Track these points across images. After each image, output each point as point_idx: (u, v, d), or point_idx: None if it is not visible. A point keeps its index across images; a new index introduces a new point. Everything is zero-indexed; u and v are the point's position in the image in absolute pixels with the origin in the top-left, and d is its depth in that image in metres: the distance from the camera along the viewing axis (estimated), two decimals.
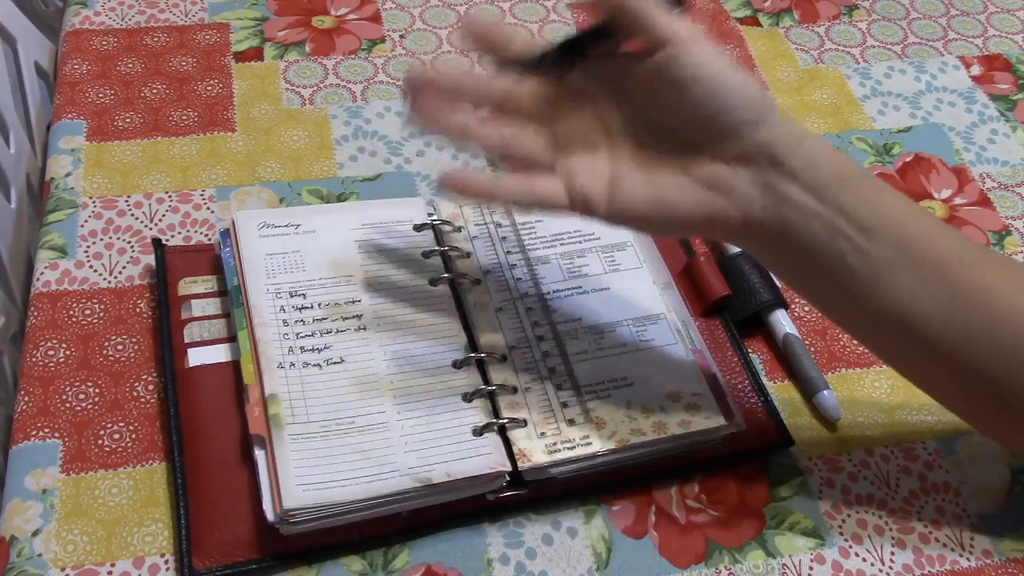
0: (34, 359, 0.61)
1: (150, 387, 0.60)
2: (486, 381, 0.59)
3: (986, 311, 0.49)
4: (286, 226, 0.64)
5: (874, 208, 0.48)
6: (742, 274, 0.66)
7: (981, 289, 0.49)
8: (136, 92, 0.77)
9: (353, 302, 0.61)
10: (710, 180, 0.50)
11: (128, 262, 0.66)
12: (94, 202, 0.69)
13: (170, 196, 0.70)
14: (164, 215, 0.69)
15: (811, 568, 0.56)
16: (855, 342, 0.67)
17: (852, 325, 0.53)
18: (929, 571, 0.57)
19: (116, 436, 0.58)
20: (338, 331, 0.60)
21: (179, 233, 0.68)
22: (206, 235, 0.68)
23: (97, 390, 0.60)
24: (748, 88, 0.48)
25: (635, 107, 0.51)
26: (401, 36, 0.85)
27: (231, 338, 0.61)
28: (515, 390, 0.58)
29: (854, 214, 0.48)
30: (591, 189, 0.51)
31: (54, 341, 0.62)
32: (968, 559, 0.57)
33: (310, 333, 0.59)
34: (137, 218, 0.69)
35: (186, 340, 0.61)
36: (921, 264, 0.49)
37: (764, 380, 0.64)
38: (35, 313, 0.63)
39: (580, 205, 0.51)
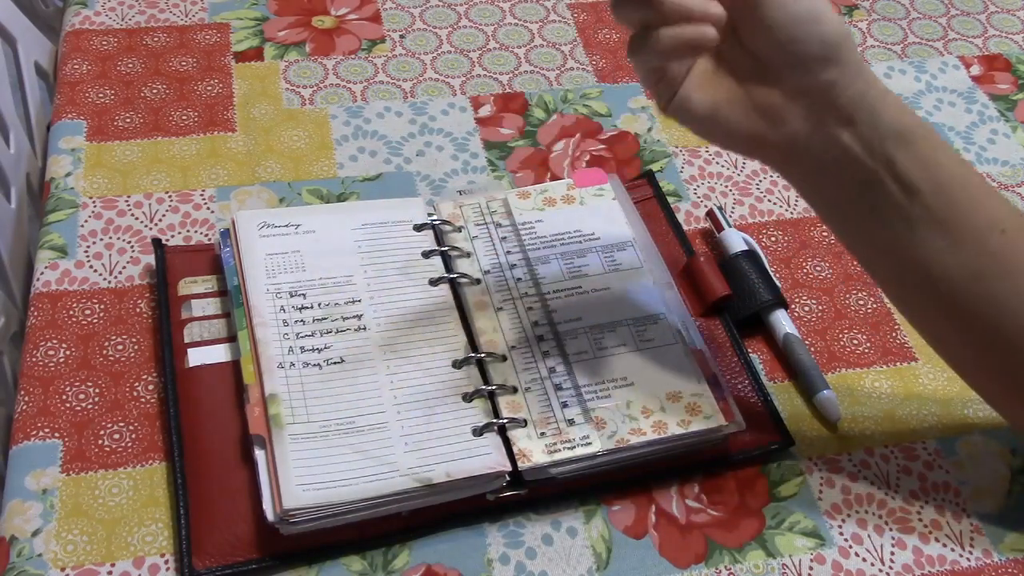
0: (34, 359, 0.61)
1: (150, 387, 0.60)
2: (486, 381, 0.59)
3: (1016, 283, 0.49)
4: (286, 226, 0.64)
5: (924, 168, 0.48)
6: (742, 274, 0.66)
7: (1015, 261, 0.49)
8: (136, 92, 0.77)
9: (353, 302, 0.61)
10: (764, 105, 0.49)
11: (128, 262, 0.66)
12: (94, 202, 0.69)
13: (170, 196, 0.70)
14: (164, 215, 0.69)
15: (811, 568, 0.56)
16: (855, 342, 0.67)
17: (875, 270, 0.54)
18: (929, 571, 0.57)
19: (116, 436, 0.58)
20: (338, 331, 0.60)
21: (179, 233, 0.68)
22: (206, 235, 0.68)
23: (97, 390, 0.60)
24: (826, 24, 0.47)
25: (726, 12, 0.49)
26: (401, 36, 0.85)
27: (231, 338, 0.61)
28: (515, 390, 0.58)
29: (902, 171, 0.48)
30: (672, 74, 0.50)
31: (54, 341, 0.62)
32: (968, 559, 0.57)
33: (310, 333, 0.59)
34: (137, 218, 0.69)
35: (186, 340, 0.61)
36: (957, 229, 0.49)
37: (764, 380, 0.64)
38: (35, 313, 0.63)
39: (657, 82, 0.50)
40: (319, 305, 0.61)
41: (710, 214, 0.71)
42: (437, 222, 0.66)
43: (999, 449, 0.63)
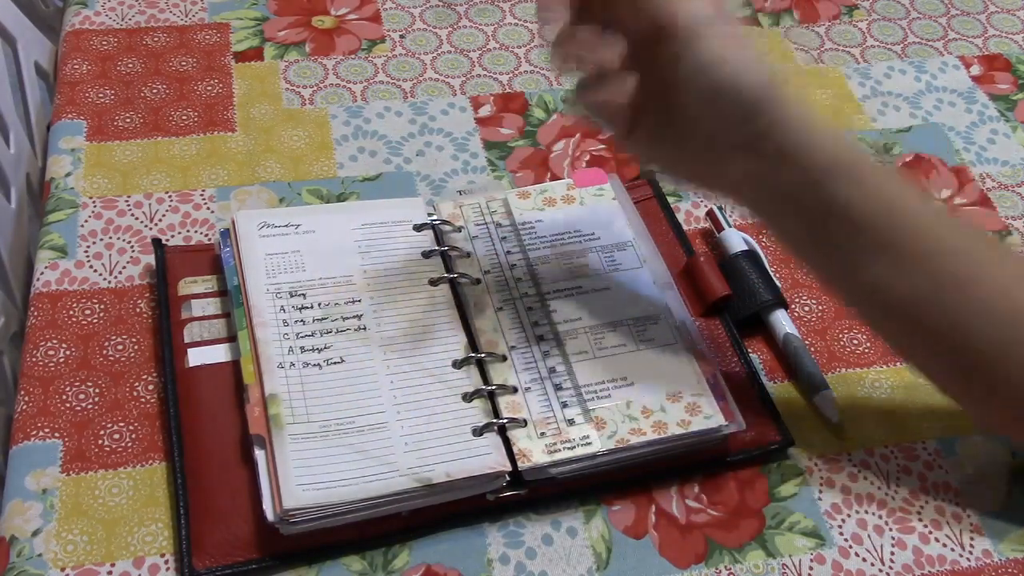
0: (34, 359, 0.61)
1: (150, 387, 0.60)
2: (486, 381, 0.59)
3: (971, 300, 0.50)
4: (286, 226, 0.64)
5: (862, 198, 0.49)
6: (742, 274, 0.66)
7: (968, 279, 0.50)
8: (136, 92, 0.77)
9: (353, 302, 0.61)
10: (704, 157, 0.52)
11: (128, 262, 0.66)
12: (94, 202, 0.69)
13: (170, 196, 0.70)
14: (164, 215, 0.69)
15: (811, 568, 0.56)
16: (855, 342, 0.67)
17: (833, 292, 0.56)
18: (929, 571, 0.57)
19: (116, 436, 0.58)
20: (338, 331, 0.60)
21: (179, 233, 0.68)
22: (206, 235, 0.68)
23: (97, 390, 0.60)
24: (743, 88, 0.48)
25: (650, 80, 0.51)
26: (401, 36, 0.85)
27: (231, 338, 0.61)
28: (515, 390, 0.58)
29: (840, 204, 0.49)
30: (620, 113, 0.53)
31: (54, 341, 0.62)
32: (968, 559, 0.57)
33: (310, 333, 0.59)
34: (137, 218, 0.69)
35: (186, 340, 0.61)
36: (903, 253, 0.50)
37: (764, 380, 0.64)
38: (35, 313, 0.63)
39: (608, 119, 0.54)
40: (319, 305, 0.61)
41: (710, 214, 0.71)
42: (437, 222, 0.66)
43: (999, 449, 0.62)
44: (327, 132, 0.76)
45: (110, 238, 0.67)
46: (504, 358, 0.60)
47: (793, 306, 0.68)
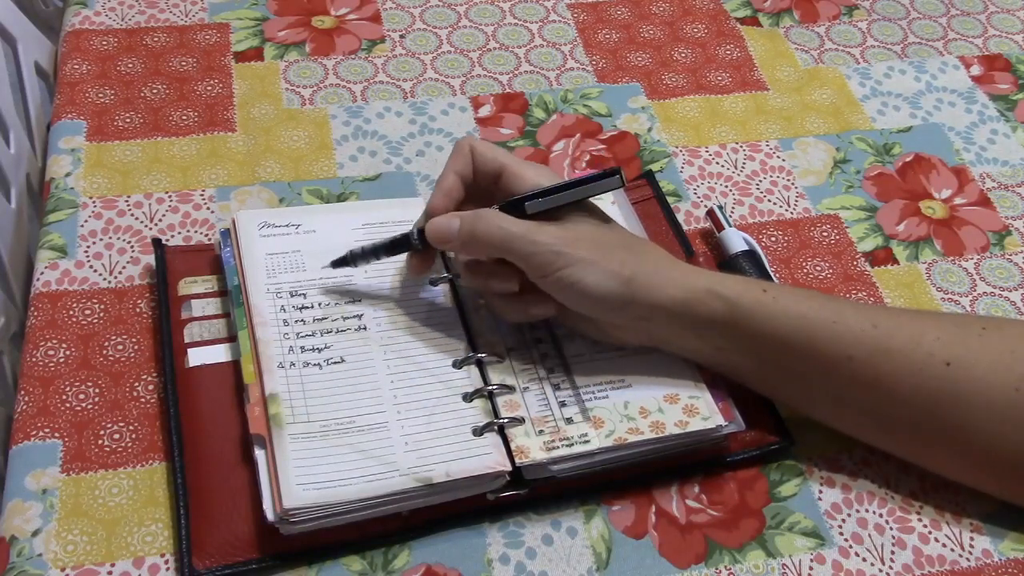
0: (34, 359, 0.61)
1: (150, 387, 0.60)
2: (485, 381, 0.59)
3: (881, 389, 0.56)
4: (286, 226, 0.64)
5: (713, 314, 0.56)
6: (742, 274, 0.66)
7: (872, 377, 0.55)
8: (136, 92, 0.77)
9: (353, 302, 0.61)
10: (601, 327, 0.59)
11: (128, 262, 0.66)
12: (94, 202, 0.69)
13: (170, 196, 0.70)
14: (164, 215, 0.69)
15: (811, 568, 0.56)
16: None
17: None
18: (929, 571, 0.57)
19: (116, 436, 0.58)
20: (338, 331, 0.60)
21: (179, 233, 0.68)
22: (206, 235, 0.68)
23: (97, 390, 0.60)
24: (609, 290, 0.55)
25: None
26: (401, 36, 0.85)
27: (231, 338, 0.61)
28: (513, 389, 0.58)
29: (701, 325, 0.57)
30: None
31: (54, 341, 0.62)
32: (968, 559, 0.57)
33: (310, 333, 0.59)
34: (137, 218, 0.69)
35: (186, 340, 0.61)
36: (755, 342, 0.56)
37: None
38: (35, 313, 0.63)
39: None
40: (319, 305, 0.61)
41: (710, 214, 0.71)
42: None
43: None
44: (327, 132, 0.76)
45: (110, 238, 0.68)
46: (503, 359, 0.60)
47: None
